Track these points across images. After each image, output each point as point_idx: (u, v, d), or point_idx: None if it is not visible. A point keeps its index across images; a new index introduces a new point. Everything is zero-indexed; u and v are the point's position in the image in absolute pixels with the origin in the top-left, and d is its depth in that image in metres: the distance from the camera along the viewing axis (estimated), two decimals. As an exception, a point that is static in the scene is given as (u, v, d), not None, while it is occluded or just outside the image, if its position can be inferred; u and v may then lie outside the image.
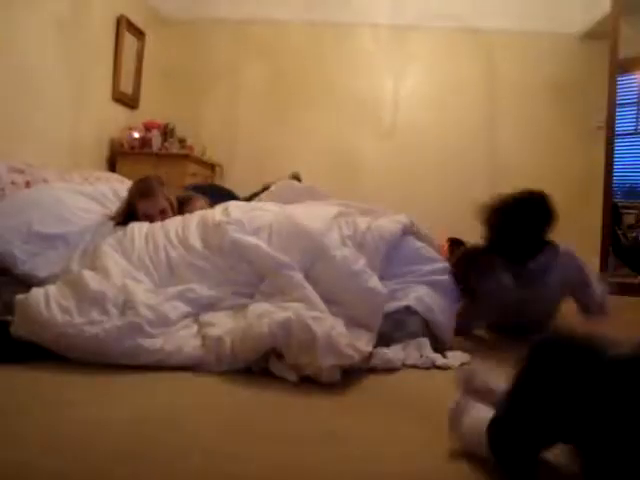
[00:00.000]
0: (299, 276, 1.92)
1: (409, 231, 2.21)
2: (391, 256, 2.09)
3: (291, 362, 1.62)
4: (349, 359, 1.60)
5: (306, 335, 1.59)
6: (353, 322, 1.85)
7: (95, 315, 1.73)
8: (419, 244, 2.19)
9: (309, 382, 1.58)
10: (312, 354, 1.57)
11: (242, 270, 2.03)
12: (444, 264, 2.18)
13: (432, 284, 2.08)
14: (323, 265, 1.96)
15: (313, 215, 2.18)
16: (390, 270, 2.08)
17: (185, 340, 1.76)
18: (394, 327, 1.97)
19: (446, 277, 2.13)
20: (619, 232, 4.06)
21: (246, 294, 1.99)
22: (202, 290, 1.96)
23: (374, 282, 1.91)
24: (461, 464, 1.10)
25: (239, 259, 2.04)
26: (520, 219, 2.21)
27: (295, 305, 1.78)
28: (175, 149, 4.51)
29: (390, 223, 2.14)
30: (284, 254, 1.98)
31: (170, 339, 1.75)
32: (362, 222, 2.15)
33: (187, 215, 2.39)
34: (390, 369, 1.75)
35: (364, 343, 1.73)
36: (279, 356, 1.66)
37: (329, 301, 1.89)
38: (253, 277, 2.02)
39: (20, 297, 1.78)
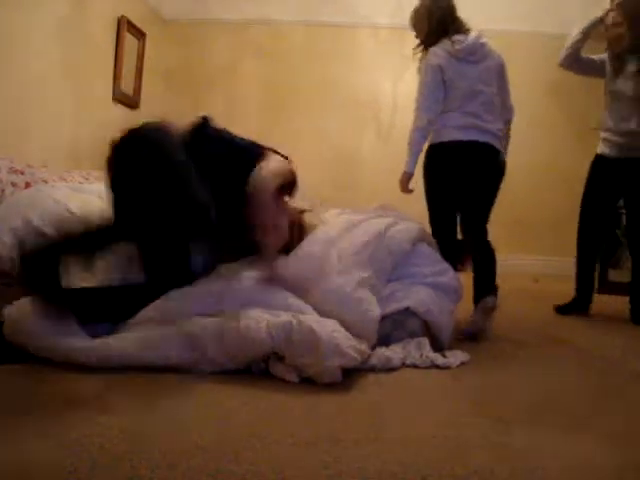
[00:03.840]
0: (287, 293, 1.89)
1: (418, 241, 2.22)
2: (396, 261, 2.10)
3: (292, 363, 1.61)
4: (353, 360, 1.60)
5: (310, 336, 1.58)
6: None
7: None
8: (423, 247, 2.20)
9: (309, 383, 1.58)
10: (316, 355, 1.56)
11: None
12: (445, 265, 2.19)
13: (433, 285, 2.08)
14: (317, 288, 1.90)
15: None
16: (393, 272, 2.08)
17: (166, 340, 1.68)
18: (393, 327, 1.97)
19: (447, 279, 2.13)
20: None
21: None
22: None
23: (369, 305, 1.85)
24: (460, 464, 1.10)
25: None
26: None
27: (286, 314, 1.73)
28: (175, 149, 4.50)
29: (402, 234, 2.14)
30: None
31: (151, 339, 1.68)
32: (374, 228, 2.14)
33: None
34: (390, 369, 1.75)
35: (363, 346, 1.73)
36: (279, 357, 1.65)
37: (321, 314, 1.83)
38: None
39: (8, 309, 1.73)
